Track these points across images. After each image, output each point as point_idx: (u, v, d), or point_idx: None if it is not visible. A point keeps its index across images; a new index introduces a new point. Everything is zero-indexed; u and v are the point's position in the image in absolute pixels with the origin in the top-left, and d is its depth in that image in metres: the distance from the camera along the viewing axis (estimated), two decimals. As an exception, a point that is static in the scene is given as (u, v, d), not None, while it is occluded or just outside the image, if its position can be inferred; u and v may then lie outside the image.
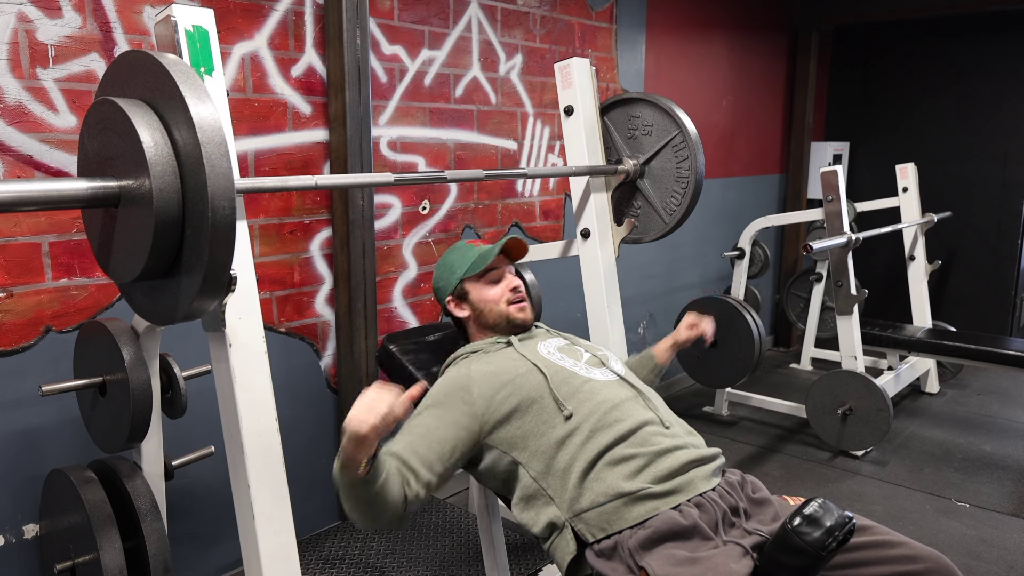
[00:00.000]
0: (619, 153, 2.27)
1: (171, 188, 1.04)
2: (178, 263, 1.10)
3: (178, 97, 1.04)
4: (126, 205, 1.10)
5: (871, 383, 3.37)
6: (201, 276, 1.05)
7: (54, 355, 1.98)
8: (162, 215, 1.04)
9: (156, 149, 1.04)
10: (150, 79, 1.09)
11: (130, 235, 1.10)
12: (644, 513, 1.38)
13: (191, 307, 1.10)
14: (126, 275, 1.14)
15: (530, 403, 1.52)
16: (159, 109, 1.08)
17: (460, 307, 1.79)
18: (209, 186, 1.01)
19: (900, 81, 5.32)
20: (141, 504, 1.64)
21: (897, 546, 1.35)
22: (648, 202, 2.27)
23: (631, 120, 2.28)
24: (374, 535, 2.65)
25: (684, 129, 2.18)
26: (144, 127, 1.05)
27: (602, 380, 1.59)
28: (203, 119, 1.03)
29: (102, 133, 1.14)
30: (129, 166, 1.08)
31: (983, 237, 5.07)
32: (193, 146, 1.03)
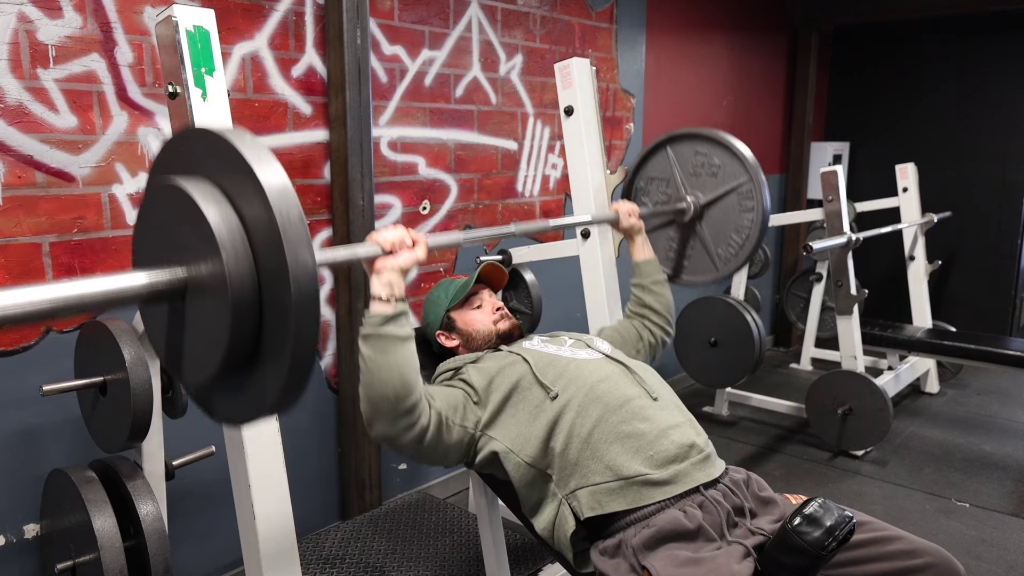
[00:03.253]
0: (678, 189, 2.14)
1: (246, 270, 0.93)
2: (258, 355, 0.98)
3: (243, 167, 0.93)
4: (195, 295, 0.98)
5: (871, 383, 3.37)
6: (287, 365, 0.93)
7: (55, 355, 1.98)
8: (238, 301, 0.92)
9: (225, 227, 0.92)
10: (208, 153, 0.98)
11: (202, 328, 0.98)
12: (640, 499, 1.39)
13: (275, 404, 0.98)
14: (202, 374, 1.01)
15: (518, 390, 1.56)
16: (222, 184, 0.97)
17: (449, 338, 1.85)
18: (289, 265, 0.90)
19: (900, 81, 5.32)
20: (142, 504, 1.64)
21: (896, 541, 1.36)
22: (703, 246, 2.15)
23: (697, 156, 2.14)
24: (374, 534, 2.65)
25: (755, 179, 2.03)
26: (209, 203, 0.94)
27: (587, 358, 1.63)
28: (274, 189, 0.91)
29: (159, 217, 1.02)
30: (194, 250, 0.96)
31: (983, 237, 5.07)
32: (266, 221, 0.91)
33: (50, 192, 1.95)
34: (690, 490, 1.42)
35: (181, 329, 1.02)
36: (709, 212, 2.12)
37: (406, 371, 1.37)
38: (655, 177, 2.24)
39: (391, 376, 1.36)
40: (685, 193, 2.13)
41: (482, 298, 1.86)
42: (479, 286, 1.88)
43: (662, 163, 2.20)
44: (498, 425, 1.56)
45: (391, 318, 1.36)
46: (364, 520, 2.76)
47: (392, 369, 1.36)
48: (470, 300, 1.85)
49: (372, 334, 1.36)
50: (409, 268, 1.37)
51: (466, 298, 1.84)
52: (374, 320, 1.36)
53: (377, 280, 1.36)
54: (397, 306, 1.36)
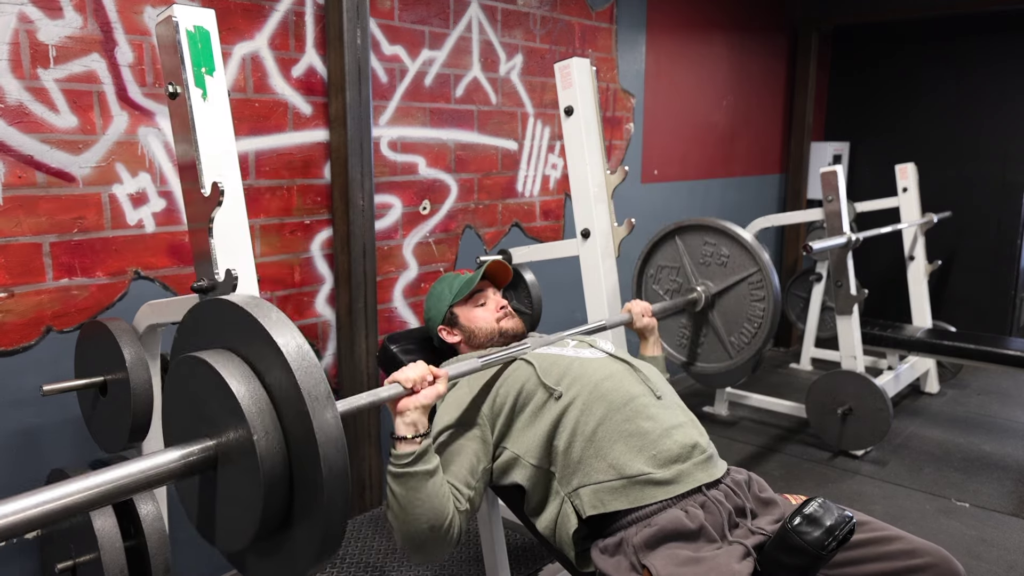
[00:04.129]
0: (688, 278, 2.17)
1: (274, 436, 0.95)
2: (290, 518, 0.99)
3: (262, 335, 0.94)
4: (225, 464, 1.00)
5: (871, 383, 3.37)
6: (320, 532, 0.94)
7: (55, 355, 1.98)
8: (269, 467, 0.94)
9: (250, 396, 0.95)
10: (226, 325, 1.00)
11: (235, 497, 0.99)
12: (642, 499, 1.39)
13: (312, 563, 0.98)
14: (238, 541, 1.02)
15: (522, 395, 1.56)
16: (244, 354, 0.98)
17: (451, 333, 1.84)
18: (316, 428, 0.91)
19: (900, 81, 5.32)
20: (142, 504, 1.65)
21: (896, 541, 1.36)
22: (716, 334, 2.17)
23: (705, 246, 2.17)
24: (374, 534, 2.65)
25: (764, 269, 2.07)
26: (231, 375, 0.95)
27: (590, 357, 1.63)
28: (294, 355, 0.93)
29: (186, 391, 1.04)
30: (223, 422, 0.98)
31: (983, 237, 5.07)
32: (290, 387, 0.93)
33: (50, 192, 1.95)
34: (692, 490, 1.42)
35: (213, 498, 1.04)
36: (720, 301, 2.16)
37: (437, 502, 1.37)
38: (665, 265, 2.28)
39: (424, 510, 1.36)
40: (695, 283, 2.15)
41: (486, 295, 1.85)
42: (483, 283, 1.87)
43: (671, 252, 2.23)
44: (509, 437, 1.56)
45: (420, 456, 1.35)
46: (364, 520, 2.76)
47: (424, 503, 1.36)
48: (474, 297, 1.84)
49: (401, 473, 1.35)
50: (431, 405, 1.37)
51: (470, 295, 1.83)
52: (402, 460, 1.35)
53: (401, 421, 1.35)
54: (423, 444, 1.36)
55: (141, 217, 2.13)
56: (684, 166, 4.32)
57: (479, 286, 1.85)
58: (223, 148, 1.42)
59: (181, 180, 1.47)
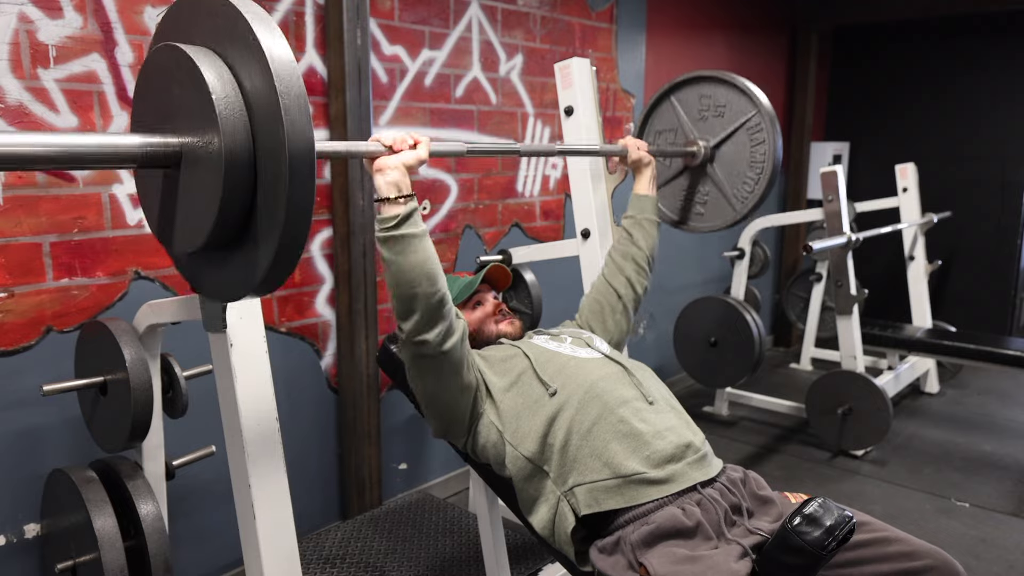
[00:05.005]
0: (687, 135, 2.09)
1: (242, 146, 0.90)
2: (247, 232, 0.96)
3: (249, 37, 0.88)
4: (189, 166, 0.95)
5: (871, 383, 3.37)
6: (275, 246, 0.92)
7: (55, 355, 1.98)
8: (231, 177, 0.90)
9: (225, 99, 0.89)
10: (214, 20, 0.95)
11: (193, 200, 0.96)
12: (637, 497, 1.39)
13: (263, 280, 0.96)
14: (188, 244, 1.00)
15: (519, 383, 1.58)
16: (225, 55, 0.93)
17: None
18: (288, 145, 0.87)
19: (900, 81, 5.32)
20: (142, 504, 1.65)
21: (896, 542, 1.35)
22: (718, 188, 2.08)
23: (702, 100, 2.09)
24: (374, 534, 2.65)
25: (761, 110, 2.00)
26: (210, 72, 0.90)
27: (586, 357, 1.64)
28: (279, 63, 0.88)
29: (159, 83, 0.99)
30: (191, 120, 0.93)
31: (983, 237, 5.07)
32: (267, 96, 0.88)
33: (50, 192, 1.95)
34: (687, 488, 1.42)
35: (174, 197, 1.00)
36: (720, 152, 2.07)
37: (429, 265, 1.38)
38: (662, 130, 2.19)
39: (417, 273, 1.36)
40: (695, 137, 2.08)
41: (485, 298, 1.86)
42: (483, 286, 1.88)
43: (667, 114, 2.15)
44: (500, 409, 1.57)
45: (405, 217, 1.34)
46: (364, 520, 2.76)
47: (416, 267, 1.36)
48: (473, 299, 1.85)
49: (389, 236, 1.35)
50: (412, 166, 1.36)
51: (469, 298, 1.84)
52: (388, 222, 1.34)
53: (382, 179, 1.34)
54: (408, 204, 1.35)
55: (141, 217, 2.13)
56: (684, 166, 4.32)
57: (478, 289, 1.86)
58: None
59: (181, 180, 1.47)
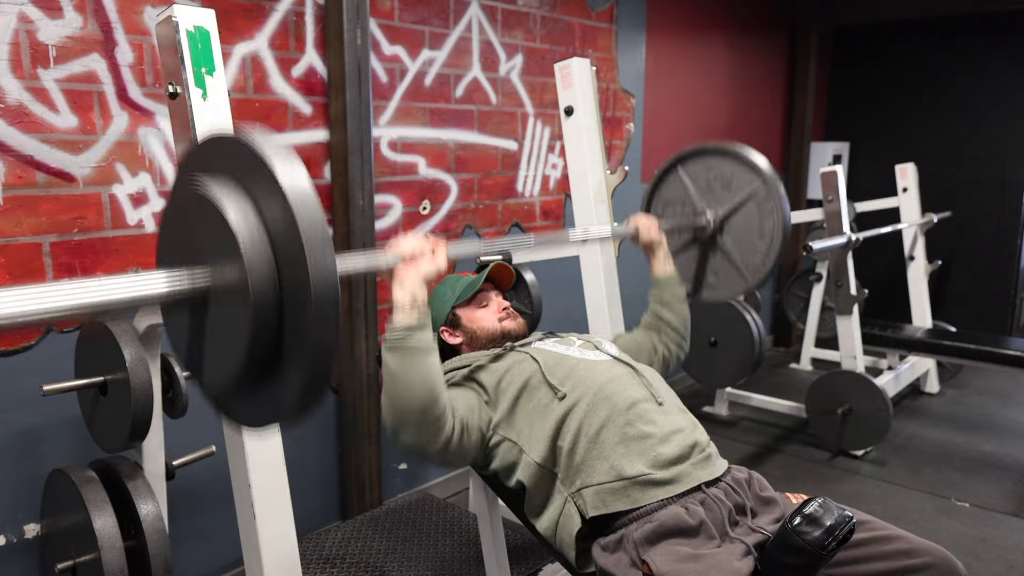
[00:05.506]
0: (695, 206, 2.13)
1: (267, 274, 0.91)
2: (277, 364, 0.97)
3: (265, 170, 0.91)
4: (216, 303, 0.98)
5: (871, 383, 3.37)
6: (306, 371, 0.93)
7: (55, 355, 1.98)
8: (260, 305, 0.91)
9: (248, 233, 0.91)
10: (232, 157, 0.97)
11: (223, 332, 0.97)
12: (642, 499, 1.39)
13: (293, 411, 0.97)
14: (221, 380, 1.01)
15: (527, 389, 1.56)
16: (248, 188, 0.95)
17: (453, 334, 1.84)
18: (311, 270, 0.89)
19: (900, 81, 5.32)
20: (142, 504, 1.65)
21: (895, 540, 1.36)
22: (728, 259, 2.12)
23: (708, 171, 2.12)
24: (374, 534, 2.65)
25: (767, 181, 2.02)
26: (231, 207, 0.92)
27: (595, 359, 1.63)
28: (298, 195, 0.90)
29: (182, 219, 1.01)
30: (217, 257, 0.95)
31: (983, 237, 5.07)
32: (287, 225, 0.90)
33: (50, 192, 1.95)
34: (692, 488, 1.42)
35: (202, 332, 1.01)
36: (729, 224, 2.10)
37: (432, 381, 1.36)
38: (670, 201, 2.23)
39: (417, 387, 1.35)
40: (703, 209, 2.11)
41: (488, 297, 1.85)
42: (486, 285, 1.87)
43: (675, 186, 2.18)
44: (510, 425, 1.56)
45: (415, 329, 1.35)
46: (364, 520, 2.76)
47: (418, 380, 1.35)
48: (476, 298, 1.84)
49: (397, 345, 1.34)
50: (431, 277, 1.36)
51: (472, 296, 1.84)
52: (399, 331, 1.34)
53: (400, 290, 1.34)
54: (421, 317, 1.35)
55: (141, 217, 2.13)
56: (684, 166, 4.32)
57: (481, 288, 1.86)
58: (223, 148, 1.42)
59: (181, 180, 1.47)
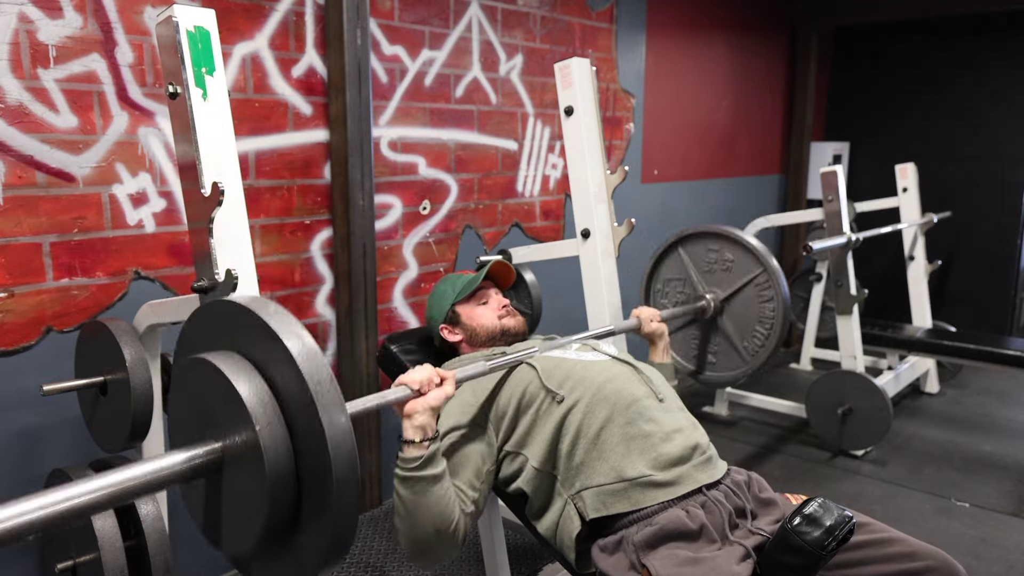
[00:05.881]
0: (695, 287, 2.16)
1: (280, 439, 0.93)
2: (298, 520, 0.97)
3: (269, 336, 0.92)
4: (231, 467, 0.98)
5: (871, 383, 3.37)
6: (329, 531, 0.93)
7: (55, 355, 1.98)
8: (275, 469, 0.92)
9: (256, 398, 0.93)
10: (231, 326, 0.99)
11: (240, 499, 0.98)
12: (643, 500, 1.39)
13: (322, 564, 0.96)
14: (242, 545, 1.00)
15: (525, 397, 1.55)
16: (250, 354, 0.97)
17: (453, 332, 1.84)
18: (326, 430, 0.90)
19: (900, 81, 5.32)
20: (142, 504, 1.65)
21: (896, 543, 1.35)
22: (728, 341, 2.15)
23: (709, 253, 2.16)
24: (374, 534, 2.65)
25: (768, 268, 2.05)
26: (239, 376, 0.94)
27: (592, 360, 1.63)
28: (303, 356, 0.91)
29: (191, 393, 1.03)
30: (229, 427, 0.96)
31: (983, 237, 5.07)
32: (297, 387, 0.92)
33: (50, 192, 1.95)
34: (692, 491, 1.42)
35: (218, 500, 1.02)
36: (729, 306, 2.14)
37: (443, 506, 1.37)
38: (671, 278, 2.26)
39: (430, 514, 1.36)
40: (703, 291, 2.13)
41: (488, 294, 1.85)
42: (486, 283, 1.87)
43: (676, 264, 2.21)
44: (514, 439, 1.55)
45: (428, 460, 1.35)
46: (364, 520, 2.76)
47: (431, 507, 1.35)
48: (476, 296, 1.84)
49: (409, 477, 1.35)
50: (440, 407, 1.36)
51: (472, 294, 1.84)
52: (410, 464, 1.35)
53: (410, 424, 1.35)
54: (431, 448, 1.35)
55: (141, 217, 2.13)
56: (684, 166, 4.32)
57: (481, 286, 1.86)
58: (223, 148, 1.42)
59: (181, 180, 1.47)
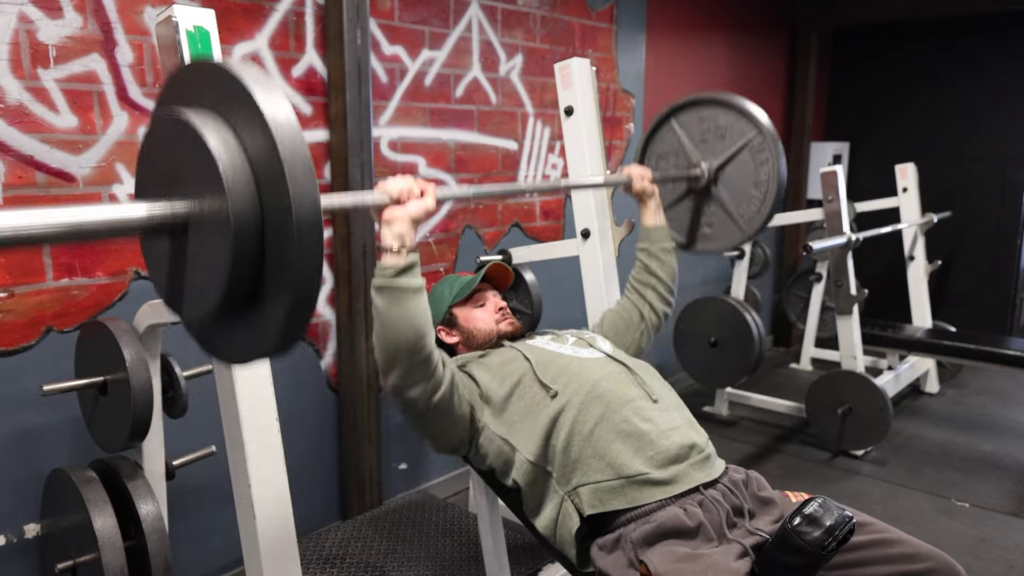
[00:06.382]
0: (689, 158, 2.11)
1: (249, 210, 0.91)
2: (257, 296, 0.96)
3: (247, 99, 0.90)
4: (196, 232, 0.96)
5: (871, 383, 3.37)
6: (286, 308, 0.92)
7: (55, 355, 1.98)
8: (241, 241, 0.90)
9: (228, 160, 0.90)
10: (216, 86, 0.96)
11: (204, 262, 0.96)
12: (640, 498, 1.39)
13: (276, 342, 0.96)
14: (200, 311, 0.99)
15: (519, 387, 1.57)
16: (228, 118, 0.94)
17: (450, 334, 1.84)
18: (292, 196, 0.88)
19: (900, 81, 5.32)
20: (142, 504, 1.65)
21: (897, 544, 1.35)
22: (723, 209, 2.09)
23: (702, 122, 2.10)
24: (374, 534, 2.65)
25: (763, 130, 2.00)
26: (212, 135, 0.91)
27: (587, 357, 1.63)
28: (282, 128, 0.89)
29: (162, 149, 1.00)
30: (197, 186, 0.94)
31: (983, 237, 5.07)
32: (272, 160, 0.90)
33: (50, 192, 1.95)
34: (690, 489, 1.42)
35: (183, 264, 1.00)
36: (724, 174, 2.07)
37: (419, 321, 1.38)
38: (664, 153, 2.20)
39: (406, 327, 1.36)
40: (697, 160, 2.10)
41: (486, 297, 1.85)
42: (484, 285, 1.87)
43: (668, 138, 2.16)
44: (502, 423, 1.56)
45: (404, 269, 1.36)
46: (364, 520, 2.76)
47: (406, 320, 1.36)
48: (474, 298, 1.84)
49: (385, 286, 1.36)
50: (419, 217, 1.36)
51: (470, 296, 1.84)
52: (387, 272, 1.36)
53: (388, 230, 1.35)
54: (409, 257, 1.36)
55: (141, 217, 2.13)
56: (684, 166, 4.32)
57: (479, 288, 1.86)
58: (223, 148, 1.42)
59: (181, 180, 1.47)
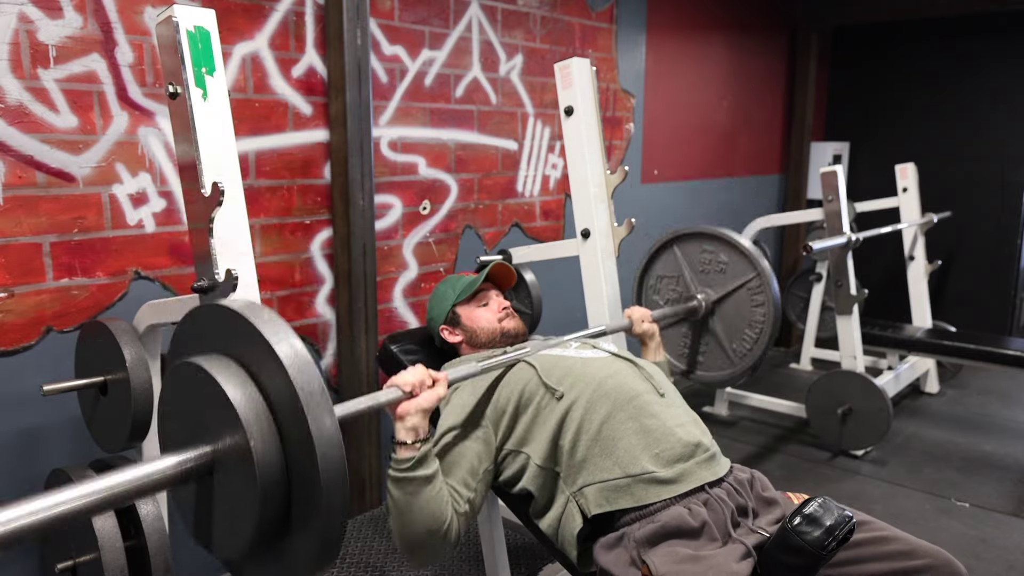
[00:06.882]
0: (688, 286, 2.17)
1: (271, 443, 0.93)
2: (288, 524, 0.98)
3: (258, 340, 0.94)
4: (221, 471, 0.98)
5: (871, 383, 3.37)
6: (318, 536, 0.94)
7: (55, 355, 1.98)
8: (265, 472, 0.93)
9: (248, 403, 0.94)
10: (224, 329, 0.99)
11: (231, 503, 0.98)
12: (646, 497, 1.39)
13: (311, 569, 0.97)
14: (234, 549, 1.00)
15: (524, 395, 1.56)
16: (240, 359, 0.98)
17: (453, 333, 1.84)
18: (314, 434, 0.90)
19: (900, 81, 5.32)
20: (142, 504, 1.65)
21: (895, 541, 1.36)
22: (717, 342, 2.16)
23: (703, 254, 2.17)
24: (374, 534, 2.65)
25: (762, 274, 2.06)
26: (229, 381, 0.94)
27: (592, 357, 1.63)
28: (293, 361, 0.92)
29: (182, 397, 1.03)
30: (219, 428, 0.96)
31: (983, 237, 5.07)
32: (287, 393, 0.93)
33: (50, 192, 1.95)
34: (695, 488, 1.42)
35: (210, 505, 1.02)
36: (720, 308, 2.15)
37: (435, 506, 1.38)
38: (664, 275, 2.27)
39: (423, 514, 1.37)
40: (695, 291, 2.14)
41: (488, 296, 1.86)
42: (487, 284, 1.88)
43: (670, 261, 2.22)
44: (514, 437, 1.56)
45: (419, 461, 1.36)
46: (364, 520, 2.76)
47: (423, 508, 1.36)
48: (477, 297, 1.85)
49: (402, 478, 1.36)
50: (432, 409, 1.37)
51: (473, 295, 1.84)
52: (403, 465, 1.36)
53: (402, 426, 1.35)
54: (423, 449, 1.36)
55: (141, 217, 2.13)
56: (684, 166, 4.32)
57: (482, 287, 1.86)
58: (223, 148, 1.42)
59: (181, 180, 1.47)
